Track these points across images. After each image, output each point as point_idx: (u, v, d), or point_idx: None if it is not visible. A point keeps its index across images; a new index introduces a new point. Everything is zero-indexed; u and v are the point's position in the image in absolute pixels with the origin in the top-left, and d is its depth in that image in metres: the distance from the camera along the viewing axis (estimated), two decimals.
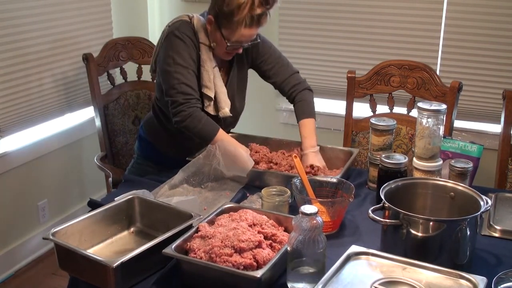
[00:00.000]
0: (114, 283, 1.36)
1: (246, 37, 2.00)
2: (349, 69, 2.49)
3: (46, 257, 3.07)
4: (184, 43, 2.01)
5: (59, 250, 1.48)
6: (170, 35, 2.03)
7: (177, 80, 1.98)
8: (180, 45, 2.00)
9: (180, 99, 1.97)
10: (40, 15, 2.80)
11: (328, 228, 1.62)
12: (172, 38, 2.02)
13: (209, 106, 2.07)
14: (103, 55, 2.73)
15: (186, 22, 2.06)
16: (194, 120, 1.97)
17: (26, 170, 2.94)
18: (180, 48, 2.00)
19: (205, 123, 1.99)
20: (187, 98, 1.98)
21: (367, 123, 2.20)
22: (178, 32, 2.01)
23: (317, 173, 1.94)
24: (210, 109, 2.08)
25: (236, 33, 1.97)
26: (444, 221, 1.42)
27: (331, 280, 1.30)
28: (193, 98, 1.99)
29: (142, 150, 2.30)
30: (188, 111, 1.97)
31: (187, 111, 1.97)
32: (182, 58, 2.00)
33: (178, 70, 1.98)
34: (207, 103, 2.07)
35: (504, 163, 2.24)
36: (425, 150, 1.76)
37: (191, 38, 2.03)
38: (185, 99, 1.97)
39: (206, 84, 2.05)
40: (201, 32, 2.05)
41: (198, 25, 2.06)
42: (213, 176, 1.95)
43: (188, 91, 1.98)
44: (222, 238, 1.41)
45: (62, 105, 3.04)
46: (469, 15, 2.87)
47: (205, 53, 2.05)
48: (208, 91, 2.05)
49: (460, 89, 2.29)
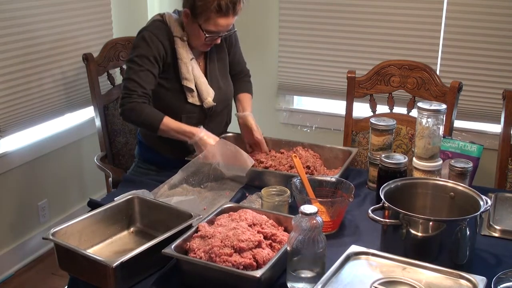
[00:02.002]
0: (114, 283, 1.36)
1: (223, 26, 2.02)
2: (349, 69, 2.49)
3: (46, 257, 3.07)
4: (145, 42, 2.05)
5: (59, 250, 1.48)
6: (138, 35, 2.10)
7: (127, 76, 2.05)
8: (141, 45, 2.05)
9: (124, 94, 2.03)
10: (40, 15, 2.81)
11: (328, 228, 1.62)
12: (137, 38, 2.09)
13: (192, 97, 2.11)
14: (103, 55, 2.73)
15: (158, 21, 2.11)
16: (136, 113, 2.02)
17: (26, 170, 2.94)
18: (140, 48, 2.05)
19: (147, 114, 2.03)
20: (129, 93, 2.02)
21: (367, 123, 2.20)
22: (145, 32, 2.07)
23: (313, 172, 1.95)
24: (195, 100, 2.12)
25: (212, 23, 1.99)
26: (444, 221, 1.42)
27: (331, 280, 1.30)
28: (135, 93, 2.02)
29: (142, 154, 2.32)
30: (128, 105, 2.02)
31: (127, 105, 2.02)
32: (139, 57, 2.04)
33: (131, 66, 2.05)
34: (189, 95, 2.11)
35: (504, 163, 2.24)
36: (425, 150, 1.76)
37: (158, 37, 2.06)
38: (127, 94, 2.02)
39: (185, 76, 2.08)
40: (174, 26, 2.09)
41: (171, 20, 2.10)
42: (213, 176, 1.95)
43: (132, 86, 2.02)
44: (222, 238, 1.41)
45: (62, 105, 3.04)
46: (469, 15, 2.88)
47: (180, 46, 2.08)
48: (188, 82, 2.09)
49: (460, 89, 2.29)
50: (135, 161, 2.36)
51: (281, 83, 3.45)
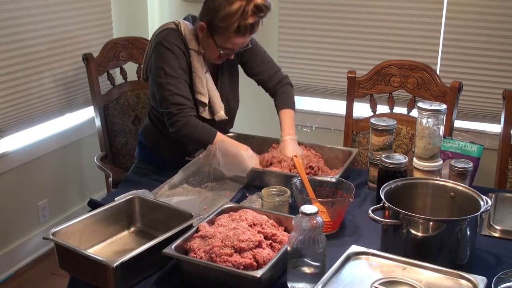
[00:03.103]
0: (114, 283, 1.36)
1: (239, 44, 2.02)
2: (349, 69, 2.49)
3: (46, 257, 3.07)
4: (172, 53, 2.01)
5: (59, 250, 1.48)
6: (159, 46, 2.03)
7: (169, 91, 1.99)
8: (169, 56, 2.01)
9: (174, 110, 1.99)
10: (40, 15, 2.81)
11: (328, 228, 1.62)
12: (160, 48, 2.02)
13: (204, 111, 2.09)
14: (103, 55, 2.73)
15: (173, 30, 2.06)
16: (189, 128, 1.99)
17: (26, 170, 2.94)
18: (169, 59, 2.01)
19: (201, 129, 2.00)
20: (180, 108, 1.99)
21: (367, 123, 2.20)
22: (166, 42, 2.02)
23: (317, 173, 1.95)
24: (205, 114, 2.10)
25: (229, 41, 1.98)
26: (444, 221, 1.42)
27: (331, 280, 1.30)
28: (186, 107, 2.00)
29: (142, 155, 2.31)
30: (182, 120, 1.98)
31: (181, 120, 1.98)
32: (172, 68, 2.00)
33: (169, 81, 2.00)
34: (201, 108, 2.09)
35: (504, 163, 2.24)
36: (425, 150, 1.76)
37: (179, 47, 2.03)
38: (178, 110, 1.99)
39: (199, 90, 2.06)
40: (190, 39, 2.06)
41: (186, 31, 2.06)
42: (213, 176, 1.95)
43: (180, 101, 1.99)
44: (222, 238, 1.41)
45: (62, 105, 3.04)
46: (469, 15, 2.87)
47: (195, 59, 2.06)
48: (202, 97, 2.07)
49: (460, 89, 2.29)
50: (135, 162, 2.35)
51: None
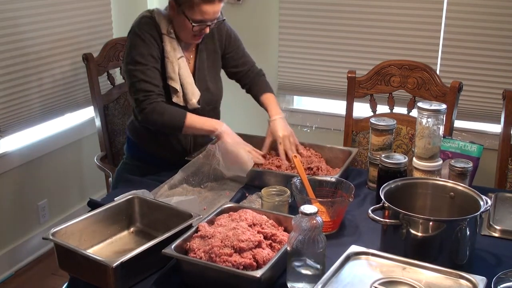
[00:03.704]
0: (114, 283, 1.36)
1: (210, 14, 1.97)
2: (349, 69, 2.49)
3: (46, 257, 3.07)
4: (142, 40, 2.00)
5: (59, 250, 1.48)
6: (131, 34, 2.04)
7: (136, 78, 1.98)
8: (138, 42, 2.00)
9: (140, 96, 1.97)
10: (40, 15, 2.81)
11: (328, 228, 1.62)
12: (131, 36, 2.03)
13: (177, 97, 2.06)
14: (103, 55, 2.73)
15: (146, 17, 2.05)
16: (156, 115, 1.97)
17: (26, 170, 2.94)
18: (138, 46, 2.00)
19: (169, 114, 1.98)
20: (146, 94, 1.97)
21: (367, 123, 2.20)
22: (137, 29, 2.02)
23: (317, 172, 1.95)
24: (179, 101, 2.06)
25: (197, 10, 1.95)
26: (444, 221, 1.42)
27: (331, 280, 1.30)
28: (153, 93, 1.98)
29: (131, 151, 2.27)
30: (148, 107, 1.97)
31: (147, 107, 1.97)
32: (141, 55, 1.99)
33: (137, 68, 1.99)
34: (174, 95, 2.05)
35: (504, 163, 2.24)
36: (425, 150, 1.76)
37: (151, 33, 2.01)
38: (145, 96, 1.97)
39: (170, 75, 2.03)
40: (162, 23, 2.04)
41: (160, 17, 2.05)
42: (213, 176, 1.95)
43: (146, 87, 1.98)
44: (222, 238, 1.41)
45: (62, 105, 3.04)
46: (469, 15, 2.87)
47: (168, 43, 2.04)
48: (173, 82, 2.04)
49: (460, 89, 2.29)
50: (123, 158, 2.31)
51: (281, 83, 3.45)
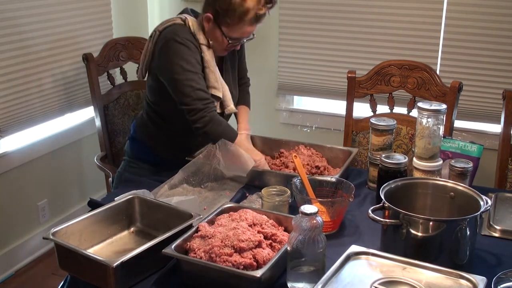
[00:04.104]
0: (114, 283, 1.36)
1: (248, 34, 2.02)
2: (349, 69, 2.49)
3: (46, 257, 3.07)
4: (188, 48, 1.98)
5: (59, 250, 1.48)
6: (171, 42, 1.98)
7: (191, 87, 1.96)
8: (185, 51, 1.97)
9: (199, 105, 1.95)
10: (40, 15, 2.81)
11: (328, 228, 1.62)
12: (173, 44, 1.97)
13: (216, 105, 2.07)
14: (103, 55, 2.73)
15: (181, 26, 2.03)
16: (214, 125, 1.97)
17: (26, 170, 2.94)
18: (185, 54, 1.97)
19: (225, 126, 2.00)
20: (205, 103, 1.96)
21: (367, 123, 2.20)
22: (178, 38, 1.97)
23: (324, 172, 1.95)
24: (217, 108, 2.07)
25: (238, 30, 1.98)
26: (444, 221, 1.42)
27: (331, 280, 1.30)
28: (210, 102, 1.98)
29: (136, 151, 2.23)
30: (208, 116, 1.96)
31: (207, 116, 1.96)
32: (190, 64, 1.97)
33: (189, 77, 1.96)
34: (215, 103, 2.06)
35: (504, 163, 2.24)
36: (425, 150, 1.76)
37: (192, 42, 2.00)
38: (204, 105, 1.96)
39: (213, 85, 2.03)
40: (199, 33, 2.03)
41: (195, 26, 2.03)
42: (213, 176, 1.95)
43: (204, 96, 1.97)
44: (222, 238, 1.41)
45: (62, 105, 3.04)
46: (469, 15, 2.88)
47: (207, 53, 2.03)
48: (216, 91, 2.04)
49: (460, 89, 2.29)
50: (125, 159, 2.27)
51: (281, 83, 3.45)
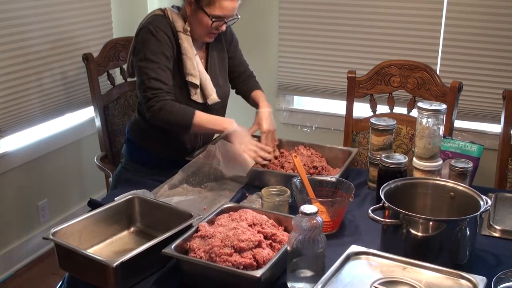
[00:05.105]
0: (114, 283, 1.36)
1: (229, 9, 2.00)
2: (349, 69, 2.49)
3: (46, 257, 3.07)
4: (155, 38, 2.00)
5: (59, 250, 1.48)
6: (143, 30, 2.02)
7: (146, 75, 1.98)
8: (151, 40, 1.99)
9: (149, 94, 1.97)
10: (40, 15, 2.81)
11: (328, 228, 1.62)
12: (143, 33, 2.02)
13: (195, 94, 2.07)
14: (103, 55, 2.73)
15: (160, 16, 2.05)
16: (165, 112, 1.96)
17: (26, 170, 2.94)
18: (150, 43, 1.99)
19: (177, 111, 1.98)
20: (155, 92, 1.97)
21: (367, 123, 2.20)
22: (151, 26, 2.01)
23: (322, 172, 1.95)
24: (197, 97, 2.07)
25: (218, 6, 1.97)
26: (444, 221, 1.42)
27: (331, 280, 1.30)
28: (162, 91, 1.97)
29: (132, 154, 2.23)
30: (157, 105, 1.96)
31: (156, 105, 1.96)
32: (153, 53, 1.98)
33: (147, 65, 1.98)
34: (193, 91, 2.06)
35: (504, 163, 2.24)
36: (425, 150, 1.76)
37: (165, 32, 2.01)
38: (153, 94, 1.97)
39: (190, 72, 2.04)
40: (177, 21, 2.05)
41: (173, 14, 2.06)
42: (213, 176, 1.95)
43: (156, 85, 1.97)
44: (222, 238, 1.41)
45: (62, 105, 3.04)
46: (469, 15, 2.88)
47: (185, 41, 2.04)
48: (193, 78, 2.04)
49: (460, 89, 2.29)
50: (122, 162, 2.27)
51: (281, 83, 3.45)
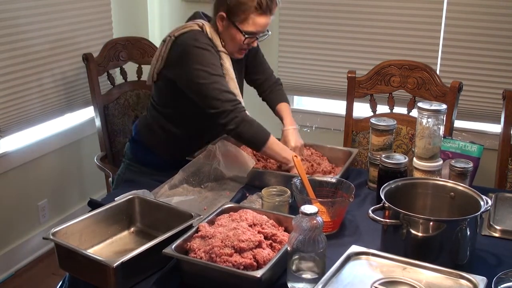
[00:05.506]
0: (114, 283, 1.36)
1: (261, 26, 2.00)
2: (349, 69, 2.49)
3: (46, 257, 3.07)
4: (210, 52, 1.98)
5: (59, 250, 1.48)
6: (191, 48, 1.97)
7: (218, 90, 1.94)
8: (207, 55, 1.97)
9: (229, 107, 1.94)
10: (40, 15, 2.81)
11: (328, 228, 1.62)
12: (194, 50, 1.97)
13: None
14: (103, 55, 2.74)
15: (199, 31, 2.02)
16: (247, 125, 1.95)
17: (26, 170, 2.94)
18: (208, 58, 1.97)
19: (257, 126, 1.98)
20: (234, 104, 1.95)
21: (367, 123, 2.20)
22: (198, 43, 1.97)
23: (327, 172, 1.95)
24: None
25: (251, 22, 1.97)
26: (444, 221, 1.42)
27: (331, 280, 1.30)
28: (239, 102, 1.97)
29: (136, 154, 2.22)
30: (239, 116, 1.94)
31: (238, 116, 1.94)
32: (214, 68, 1.97)
33: (215, 80, 1.95)
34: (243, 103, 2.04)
35: (504, 163, 2.24)
36: (425, 150, 1.76)
37: (212, 47, 2.01)
38: (233, 106, 1.94)
39: (234, 92, 2.02)
40: (216, 39, 2.04)
41: (212, 32, 2.04)
42: (213, 176, 1.95)
43: (231, 97, 1.96)
44: (222, 238, 1.41)
45: (62, 105, 3.04)
46: (469, 15, 2.87)
47: (226, 61, 2.04)
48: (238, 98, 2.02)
49: (460, 89, 2.29)
50: (125, 162, 2.26)
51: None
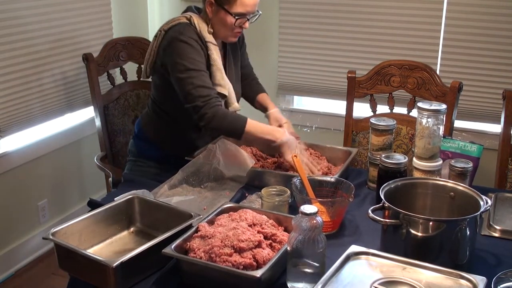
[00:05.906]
0: (114, 283, 1.36)
1: (250, 5, 1.99)
2: (349, 69, 2.49)
3: (46, 257, 3.07)
4: (191, 46, 1.98)
5: (59, 250, 1.48)
6: (175, 41, 1.99)
7: (192, 85, 1.95)
8: (188, 50, 1.97)
9: (199, 102, 1.94)
10: (40, 15, 2.81)
11: (328, 228, 1.62)
12: (177, 43, 1.98)
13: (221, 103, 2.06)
14: (103, 55, 2.74)
15: (187, 24, 2.03)
16: (218, 119, 1.95)
17: (26, 170, 2.94)
18: (188, 53, 1.97)
19: (231, 119, 1.97)
20: (205, 100, 1.95)
21: (367, 123, 2.20)
22: (182, 36, 1.98)
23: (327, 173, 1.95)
24: None
25: (238, 3, 1.97)
26: (444, 221, 1.42)
27: (330, 280, 1.30)
28: (211, 97, 1.96)
29: (141, 149, 2.24)
30: (210, 112, 1.94)
31: (209, 112, 1.94)
32: (192, 62, 1.97)
33: (191, 75, 1.96)
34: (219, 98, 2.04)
35: (504, 163, 2.24)
36: (425, 150, 1.76)
37: (197, 41, 2.01)
38: (204, 102, 1.95)
39: (219, 82, 2.03)
40: (203, 28, 2.04)
41: (199, 23, 2.04)
42: (213, 176, 1.95)
43: (204, 92, 1.96)
44: (222, 238, 1.41)
45: (62, 105, 3.04)
46: (469, 15, 2.87)
47: (214, 52, 2.04)
48: (222, 89, 2.04)
49: (460, 89, 2.29)
50: (131, 159, 2.27)
51: (281, 83, 3.45)
